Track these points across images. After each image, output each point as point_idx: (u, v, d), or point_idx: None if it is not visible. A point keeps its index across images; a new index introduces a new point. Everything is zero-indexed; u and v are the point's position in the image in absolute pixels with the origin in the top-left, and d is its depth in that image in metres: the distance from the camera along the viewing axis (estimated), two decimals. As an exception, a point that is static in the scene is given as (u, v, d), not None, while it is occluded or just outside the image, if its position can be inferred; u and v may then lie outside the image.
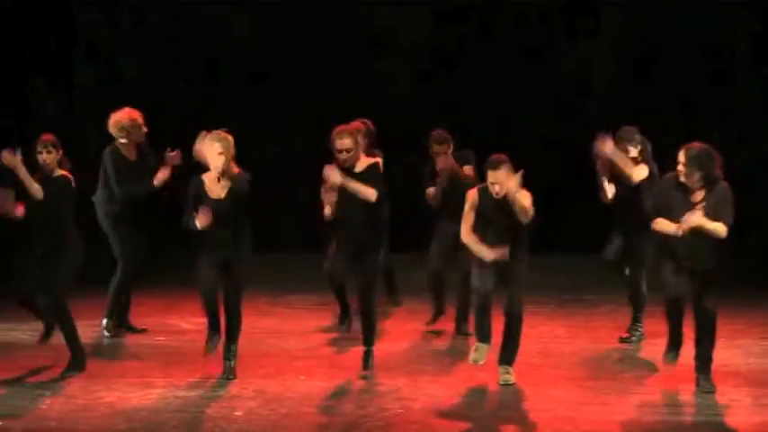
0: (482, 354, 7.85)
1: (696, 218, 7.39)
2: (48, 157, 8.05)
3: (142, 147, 9.16)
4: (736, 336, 9.18)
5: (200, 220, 7.76)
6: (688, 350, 7.72)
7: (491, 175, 7.76)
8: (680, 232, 7.42)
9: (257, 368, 8.34)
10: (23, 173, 7.87)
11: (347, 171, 7.84)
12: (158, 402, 7.49)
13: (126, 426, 7.00)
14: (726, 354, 8.34)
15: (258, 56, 12.63)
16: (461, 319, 9.11)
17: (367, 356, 8.05)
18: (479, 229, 7.83)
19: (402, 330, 9.33)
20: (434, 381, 8.04)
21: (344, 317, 9.30)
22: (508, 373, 7.82)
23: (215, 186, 7.95)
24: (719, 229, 7.44)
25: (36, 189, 7.91)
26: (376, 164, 7.93)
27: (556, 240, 10.54)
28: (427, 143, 9.13)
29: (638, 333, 9.01)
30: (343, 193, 7.81)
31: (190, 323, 8.20)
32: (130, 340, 9.21)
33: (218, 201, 7.90)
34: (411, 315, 9.79)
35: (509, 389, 7.76)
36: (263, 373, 8.19)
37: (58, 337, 8.23)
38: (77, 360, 8.12)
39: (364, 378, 7.87)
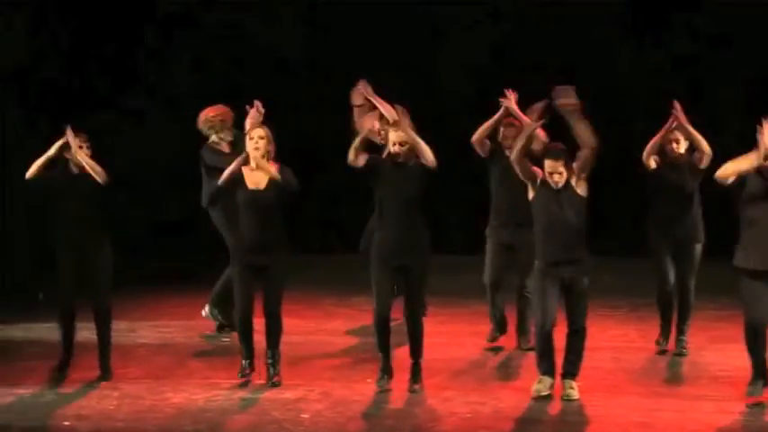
0: (546, 386, 7.61)
1: None
2: (87, 152, 7.98)
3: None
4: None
5: None
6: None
7: (550, 165, 7.50)
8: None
9: (324, 370, 8.40)
10: (85, 158, 7.84)
11: (397, 164, 7.59)
12: (224, 403, 7.55)
13: (192, 427, 7.07)
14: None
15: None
16: (522, 334, 8.88)
17: (415, 370, 7.80)
18: (538, 231, 7.61)
19: (469, 333, 9.32)
20: (504, 385, 8.03)
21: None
22: (572, 387, 7.60)
23: (252, 175, 7.87)
24: None
25: (101, 173, 7.85)
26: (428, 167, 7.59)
27: (629, 242, 10.42)
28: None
29: (684, 349, 8.75)
30: (387, 198, 7.58)
31: (256, 323, 8.24)
32: (196, 341, 9.28)
33: (255, 191, 7.84)
34: (479, 318, 9.77)
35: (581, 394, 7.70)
36: (330, 376, 8.24)
37: (124, 338, 8.32)
38: (109, 367, 8.14)
39: (414, 392, 7.71)
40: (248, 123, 8.22)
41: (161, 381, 8.08)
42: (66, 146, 7.93)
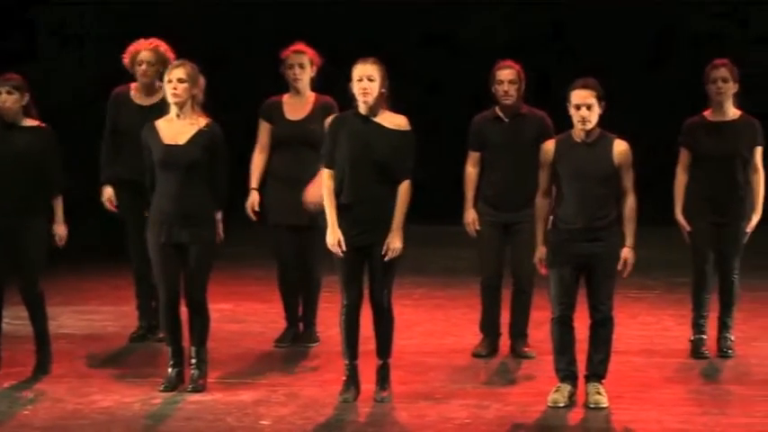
0: (564, 395, 7.51)
1: None
2: (8, 99, 7.97)
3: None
4: None
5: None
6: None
7: (577, 95, 7.39)
8: None
9: (290, 366, 8.34)
10: None
11: (364, 119, 7.45)
12: (165, 408, 7.47)
13: (126, 437, 7.03)
14: None
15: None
16: (518, 337, 8.68)
17: (382, 373, 7.64)
18: (566, 191, 7.52)
19: (471, 320, 9.14)
20: (512, 386, 8.00)
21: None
22: (599, 392, 7.51)
23: (170, 129, 7.70)
24: None
25: None
26: (409, 134, 7.44)
27: (667, 205, 10.29)
28: None
29: (729, 350, 8.61)
30: (354, 164, 7.38)
31: (212, 311, 8.10)
32: (131, 331, 9.14)
33: (172, 146, 7.66)
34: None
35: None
36: (297, 373, 8.19)
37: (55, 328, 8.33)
38: (47, 359, 8.14)
39: (382, 401, 7.57)
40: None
41: (87, 380, 8.00)
42: None
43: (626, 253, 7.48)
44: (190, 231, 7.67)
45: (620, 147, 7.50)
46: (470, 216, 8.62)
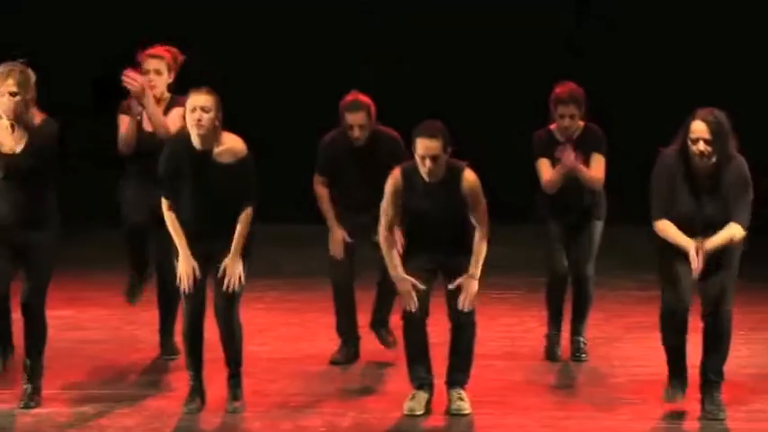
0: (421, 403, 7.50)
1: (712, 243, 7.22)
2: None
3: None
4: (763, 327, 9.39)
5: None
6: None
7: (422, 145, 7.33)
8: (696, 271, 7.20)
9: (135, 375, 8.30)
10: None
11: (200, 155, 7.37)
12: (2, 421, 7.38)
13: (-40, 455, 6.97)
14: (746, 352, 8.51)
15: None
16: (380, 325, 8.67)
17: (234, 383, 7.58)
18: (409, 224, 7.54)
19: (327, 324, 9.11)
20: (370, 391, 8.01)
21: None
22: (461, 399, 7.55)
23: (7, 138, 7.54)
24: (737, 234, 7.26)
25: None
26: (247, 162, 7.42)
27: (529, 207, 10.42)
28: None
29: (583, 353, 8.68)
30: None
31: (52, 318, 7.97)
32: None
33: (10, 156, 7.51)
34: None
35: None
36: (144, 382, 8.14)
37: None
38: None
39: (234, 412, 7.51)
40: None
41: None
42: None
43: (465, 281, 7.44)
44: (29, 235, 7.52)
45: (468, 178, 7.44)
46: (339, 235, 8.51)
